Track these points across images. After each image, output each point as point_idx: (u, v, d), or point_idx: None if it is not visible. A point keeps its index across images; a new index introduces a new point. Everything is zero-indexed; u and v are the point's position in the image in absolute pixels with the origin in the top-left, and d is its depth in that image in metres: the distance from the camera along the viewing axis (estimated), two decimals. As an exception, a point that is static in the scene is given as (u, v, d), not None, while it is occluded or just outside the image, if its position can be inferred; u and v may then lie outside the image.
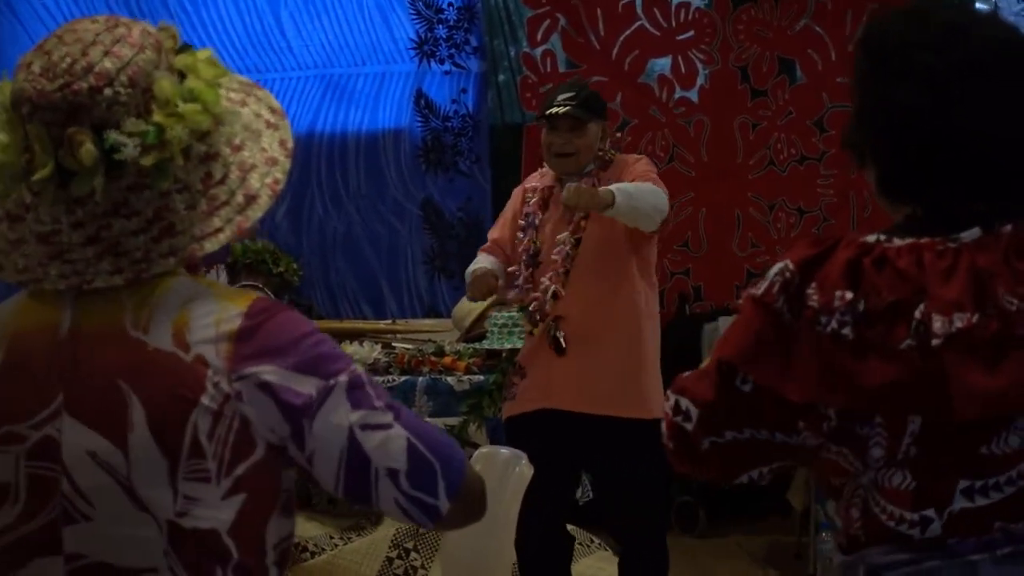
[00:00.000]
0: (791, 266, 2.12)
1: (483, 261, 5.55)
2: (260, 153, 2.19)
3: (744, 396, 2.13)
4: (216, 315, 2.09)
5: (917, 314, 2.05)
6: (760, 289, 2.13)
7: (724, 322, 8.17)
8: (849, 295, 2.06)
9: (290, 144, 2.23)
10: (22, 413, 2.09)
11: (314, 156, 8.95)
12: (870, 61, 2.22)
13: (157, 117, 2.08)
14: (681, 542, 7.64)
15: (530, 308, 5.41)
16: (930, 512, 2.10)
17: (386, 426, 2.10)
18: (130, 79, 2.08)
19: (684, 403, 2.18)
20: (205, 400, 2.06)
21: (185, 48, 2.20)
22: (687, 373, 2.24)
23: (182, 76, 2.16)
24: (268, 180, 2.18)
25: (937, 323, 2.03)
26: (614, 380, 5.32)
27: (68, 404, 2.07)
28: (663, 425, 2.23)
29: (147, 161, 2.07)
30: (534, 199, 5.53)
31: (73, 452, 2.06)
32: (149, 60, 2.11)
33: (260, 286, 7.14)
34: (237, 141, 2.18)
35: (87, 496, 2.06)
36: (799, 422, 2.13)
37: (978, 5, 8.01)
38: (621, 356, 5.35)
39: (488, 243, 5.70)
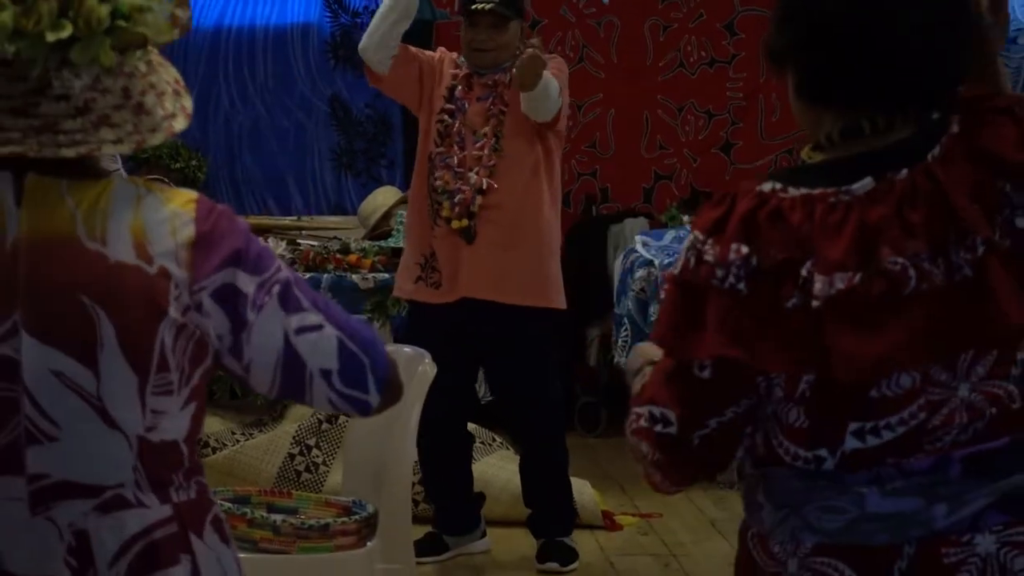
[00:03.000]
0: (700, 236, 2.08)
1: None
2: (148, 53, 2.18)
3: (704, 382, 2.09)
4: (170, 222, 2.06)
5: (804, 272, 2.02)
6: (677, 267, 2.10)
7: (630, 224, 8.21)
8: (745, 249, 2.03)
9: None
10: None
11: (221, 49, 8.85)
12: None
13: None
14: (583, 442, 7.69)
15: (455, 201, 5.44)
16: (823, 452, 2.09)
17: (317, 327, 2.10)
18: None
19: (658, 411, 2.12)
20: (171, 313, 2.03)
21: None
22: (643, 384, 2.17)
23: None
24: (172, 77, 2.16)
25: (818, 284, 2.00)
26: (524, 270, 5.44)
27: (27, 322, 2.00)
28: (641, 443, 2.14)
29: (149, 32, 2.05)
30: (460, 86, 5.56)
31: (35, 372, 2.00)
32: None
33: (164, 180, 7.08)
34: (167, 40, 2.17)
35: (52, 417, 2.01)
36: (757, 377, 2.09)
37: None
38: (530, 247, 5.47)
39: None
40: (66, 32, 2.00)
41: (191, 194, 2.12)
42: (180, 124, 2.11)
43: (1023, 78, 7.83)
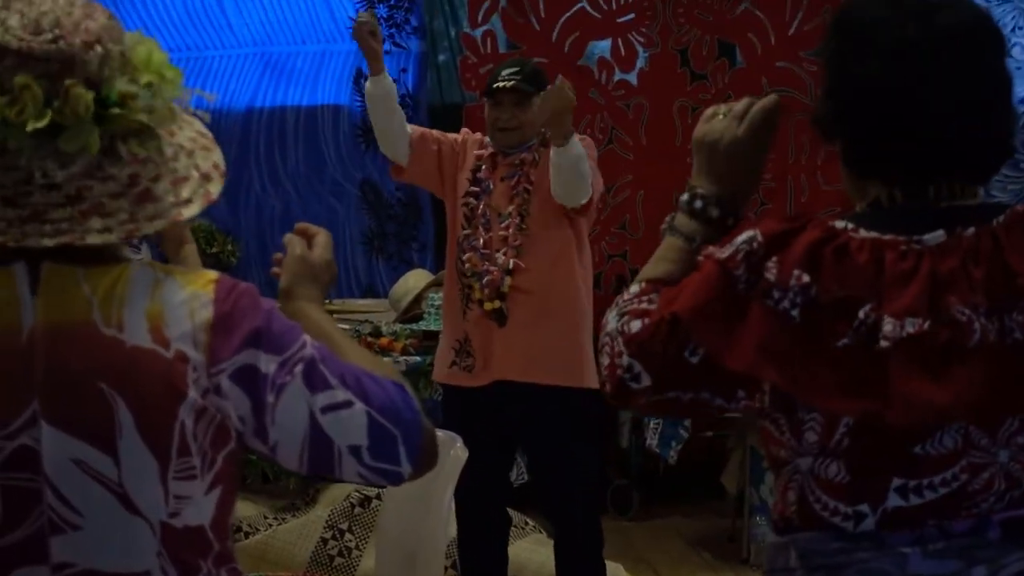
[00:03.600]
0: (760, 237, 2.11)
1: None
2: (190, 140, 2.17)
3: (692, 366, 2.13)
4: (188, 305, 2.05)
5: (861, 314, 2.05)
6: (725, 253, 2.12)
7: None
8: (806, 278, 2.06)
9: (210, 135, 2.21)
10: None
11: (252, 134, 8.90)
12: (840, 38, 2.24)
13: (146, 78, 2.06)
14: (616, 525, 7.65)
15: (483, 282, 5.42)
16: (864, 507, 2.10)
17: (346, 404, 2.08)
18: (113, 40, 2.06)
19: (637, 368, 2.16)
20: (190, 397, 2.02)
21: None
22: (637, 323, 2.18)
23: None
24: (210, 163, 2.16)
25: (888, 326, 2.03)
26: (556, 350, 5.38)
27: (45, 411, 1.99)
28: (605, 367, 2.21)
29: (146, 118, 2.05)
30: (484, 166, 5.54)
31: (56, 461, 1.99)
32: (120, 28, 2.09)
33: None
34: (170, 127, 2.17)
35: (75, 505, 2.00)
36: (739, 390, 2.14)
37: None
38: (562, 326, 5.42)
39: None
40: (43, 122, 1.99)
41: (212, 274, 2.11)
42: (191, 211, 2.09)
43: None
